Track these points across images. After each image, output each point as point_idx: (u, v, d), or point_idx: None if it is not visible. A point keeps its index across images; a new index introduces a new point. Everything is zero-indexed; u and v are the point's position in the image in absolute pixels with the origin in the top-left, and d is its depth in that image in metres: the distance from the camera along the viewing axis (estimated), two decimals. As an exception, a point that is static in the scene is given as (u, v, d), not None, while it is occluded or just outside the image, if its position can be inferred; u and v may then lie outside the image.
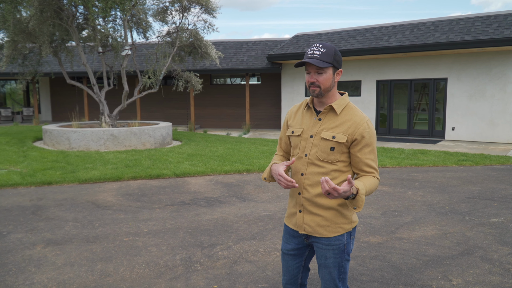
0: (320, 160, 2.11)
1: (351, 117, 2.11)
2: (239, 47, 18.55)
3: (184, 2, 12.04)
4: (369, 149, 2.09)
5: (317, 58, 2.06)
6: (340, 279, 2.19)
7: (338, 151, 2.09)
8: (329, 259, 2.17)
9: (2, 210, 5.64)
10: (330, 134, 2.10)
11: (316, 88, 2.09)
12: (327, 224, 2.14)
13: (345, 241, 2.16)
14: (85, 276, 3.62)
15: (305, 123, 2.22)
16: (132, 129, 11.17)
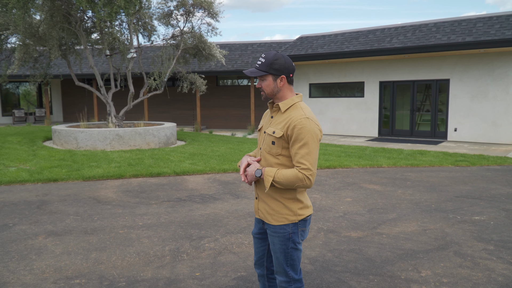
0: (267, 153, 2.39)
1: (291, 115, 2.33)
2: (244, 49, 18.83)
3: (188, 6, 12.36)
4: (300, 145, 2.26)
5: (255, 68, 2.36)
6: (287, 264, 2.43)
7: (279, 145, 2.34)
8: (276, 245, 2.42)
9: (10, 204, 5.99)
10: (272, 129, 2.37)
11: (262, 92, 2.39)
12: (273, 213, 2.40)
13: (290, 231, 2.40)
14: (80, 263, 3.92)
15: (265, 120, 2.52)
16: (137, 129, 11.52)
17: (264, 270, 2.65)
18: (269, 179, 2.27)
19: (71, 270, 3.77)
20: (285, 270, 2.44)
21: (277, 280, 2.50)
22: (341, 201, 6.23)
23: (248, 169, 2.38)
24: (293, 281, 2.47)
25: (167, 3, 12.50)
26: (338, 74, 16.36)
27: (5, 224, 5.11)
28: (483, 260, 4.01)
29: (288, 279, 2.45)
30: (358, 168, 8.89)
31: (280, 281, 2.47)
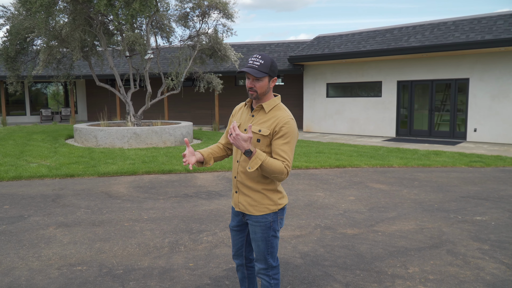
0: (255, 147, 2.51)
1: (276, 115, 2.49)
2: (262, 49, 18.98)
3: (204, 8, 12.61)
4: (284, 142, 2.42)
5: (255, 68, 2.43)
6: (268, 252, 2.58)
7: (264, 143, 2.48)
8: (257, 234, 2.57)
9: (27, 197, 6.34)
10: (257, 128, 2.50)
11: (254, 92, 2.49)
12: (255, 204, 2.54)
13: (271, 220, 2.55)
14: (83, 252, 4.17)
15: (243, 118, 2.63)
16: (154, 128, 11.84)
17: (243, 260, 2.81)
18: (258, 162, 2.34)
19: (75, 258, 4.02)
20: (265, 258, 2.59)
21: (256, 268, 2.64)
22: (344, 199, 6.31)
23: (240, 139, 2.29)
24: (271, 268, 2.61)
25: (183, 5, 12.78)
26: (356, 73, 16.31)
27: (21, 215, 5.43)
28: (475, 259, 4.04)
29: (267, 266, 2.60)
30: (368, 168, 8.91)
31: (259, 268, 2.62)
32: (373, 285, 3.50)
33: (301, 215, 5.47)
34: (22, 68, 14.02)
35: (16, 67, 13.65)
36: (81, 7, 11.44)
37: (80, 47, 12.57)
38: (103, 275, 3.67)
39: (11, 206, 5.85)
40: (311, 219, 5.32)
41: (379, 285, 3.49)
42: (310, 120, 17.91)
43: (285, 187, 7.10)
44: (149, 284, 3.49)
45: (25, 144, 11.62)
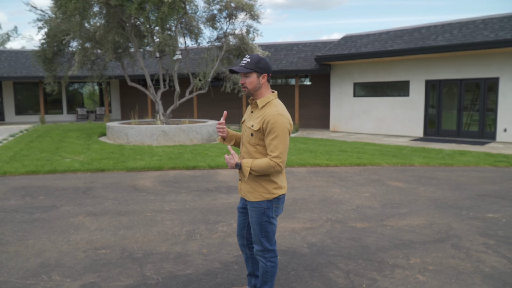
0: (247, 143, 2.80)
1: (265, 112, 2.73)
2: (290, 49, 19.17)
3: (231, 9, 12.95)
4: (272, 137, 2.66)
5: (242, 66, 2.74)
6: (262, 235, 2.84)
7: (256, 136, 2.75)
8: (253, 218, 2.84)
9: (61, 189, 6.84)
10: (251, 123, 2.78)
11: (245, 88, 2.78)
12: (252, 191, 2.81)
13: (265, 206, 2.81)
14: (108, 238, 4.55)
15: (246, 115, 2.96)
16: (181, 126, 12.29)
17: (244, 241, 3.08)
18: (247, 170, 2.72)
19: (100, 243, 4.41)
20: (260, 240, 2.85)
21: (254, 249, 2.91)
22: (358, 195, 6.46)
23: (229, 159, 2.78)
24: (267, 251, 2.87)
25: (211, 7, 13.18)
26: (383, 73, 16.24)
27: (54, 205, 5.91)
28: (477, 253, 4.15)
29: (263, 249, 2.86)
30: (388, 166, 8.98)
31: (256, 249, 2.89)
32: (373, 273, 3.69)
33: (314, 210, 5.68)
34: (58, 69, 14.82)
35: (53, 68, 14.45)
36: (114, 10, 12.02)
37: (113, 49, 13.19)
38: (124, 257, 4.02)
39: (46, 197, 6.35)
40: (323, 213, 5.52)
41: (378, 273, 3.67)
42: (337, 120, 17.96)
43: (303, 183, 7.31)
44: (164, 267, 3.81)
45: (60, 141, 12.32)
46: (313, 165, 9.05)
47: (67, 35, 12.69)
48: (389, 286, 3.44)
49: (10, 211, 5.56)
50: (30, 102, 22.65)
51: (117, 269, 3.76)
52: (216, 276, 3.63)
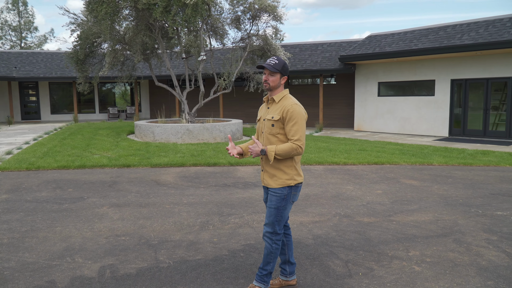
0: (268, 134, 3.13)
1: (283, 104, 3.11)
2: (314, 49, 19.29)
3: (254, 11, 13.24)
4: (292, 123, 3.02)
5: (271, 66, 3.09)
6: (276, 219, 3.13)
7: (277, 126, 3.08)
8: (272, 202, 3.14)
9: (89, 183, 7.32)
10: (270, 115, 3.13)
11: (267, 84, 3.13)
12: (275, 178, 3.14)
13: (286, 193, 3.11)
14: (128, 226, 4.92)
15: (262, 112, 3.32)
16: (205, 125, 12.68)
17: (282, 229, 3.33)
18: (272, 154, 3.03)
19: (121, 231, 4.78)
20: (273, 224, 3.14)
21: (264, 230, 3.19)
22: (371, 192, 6.61)
23: (253, 148, 3.08)
24: (275, 234, 3.16)
25: (235, 9, 13.51)
26: (408, 72, 16.14)
27: (81, 196, 6.36)
28: (478, 247, 4.26)
29: (273, 231, 3.15)
30: (406, 165, 9.04)
31: (266, 231, 3.17)
32: (371, 263, 3.88)
33: (325, 205, 5.89)
34: (90, 70, 15.53)
35: (85, 68, 15.16)
36: (142, 13, 12.54)
37: (141, 50, 13.74)
38: (141, 244, 4.37)
39: (74, 189, 6.83)
40: (333, 208, 5.72)
41: (376, 263, 3.87)
42: (361, 119, 17.95)
43: (318, 180, 7.51)
44: (177, 253, 4.13)
45: (91, 138, 12.96)
46: (330, 163, 9.22)
47: (98, 37, 13.32)
48: (384, 275, 3.64)
49: (41, 202, 6.05)
50: (64, 101, 23.69)
51: (133, 253, 4.11)
52: (223, 261, 3.92)
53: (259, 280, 3.22)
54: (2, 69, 20.37)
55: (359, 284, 3.46)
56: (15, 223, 5.05)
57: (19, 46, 44.03)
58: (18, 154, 10.12)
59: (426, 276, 3.60)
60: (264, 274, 3.21)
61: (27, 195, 6.41)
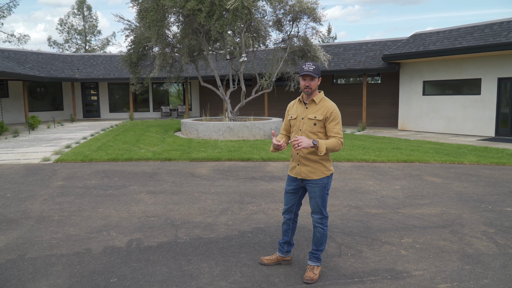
0: (308, 132, 3.57)
1: (325, 105, 3.56)
2: (359, 48, 19.36)
3: (294, 13, 13.70)
4: (335, 123, 3.48)
5: (311, 71, 3.52)
6: (323, 205, 3.61)
7: (319, 125, 3.54)
8: (316, 193, 3.59)
9: (132, 173, 8.20)
10: (313, 115, 3.56)
11: (309, 89, 3.55)
12: (315, 171, 3.58)
13: (326, 182, 3.59)
14: (159, 210, 5.65)
15: (299, 111, 3.70)
16: (245, 123, 13.35)
17: (292, 215, 3.83)
18: (324, 146, 3.42)
19: (151, 213, 5.52)
20: (321, 210, 3.61)
21: (314, 219, 3.64)
22: (388, 188, 6.91)
23: (304, 140, 3.32)
24: (325, 218, 3.63)
25: (276, 11, 14.04)
26: (453, 71, 15.85)
27: (124, 185, 7.22)
28: (471, 238, 4.53)
29: (322, 216, 3.62)
30: (435, 164, 9.14)
31: (316, 218, 3.62)
32: (362, 246, 4.30)
33: (339, 197, 6.30)
34: (142, 71, 16.74)
35: (137, 70, 16.39)
36: (189, 19, 13.43)
37: (188, 53, 14.67)
38: (166, 224, 5.07)
39: (119, 179, 7.72)
40: (346, 200, 6.12)
41: (367, 247, 4.28)
42: (405, 119, 17.82)
43: (341, 176, 7.89)
44: (194, 231, 4.78)
45: (141, 135, 14.07)
46: (360, 160, 9.51)
47: (149, 41, 14.40)
48: (370, 256, 4.05)
49: (90, 188, 6.96)
50: (122, 101, 25.43)
51: (158, 231, 4.81)
52: (231, 240, 4.51)
53: (315, 260, 3.64)
54: (66, 71, 22.32)
55: (345, 262, 3.91)
56: (66, 204, 5.95)
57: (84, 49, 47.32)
58: (76, 147, 11.34)
59: (408, 259, 3.97)
60: (319, 255, 3.64)
61: (78, 182, 7.38)
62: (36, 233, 4.75)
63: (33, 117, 16.98)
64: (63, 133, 15.41)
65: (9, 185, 7.17)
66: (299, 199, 3.80)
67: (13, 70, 15.50)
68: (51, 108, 23.66)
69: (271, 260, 3.91)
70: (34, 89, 22.82)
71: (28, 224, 5.07)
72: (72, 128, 17.81)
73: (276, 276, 3.65)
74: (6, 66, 15.57)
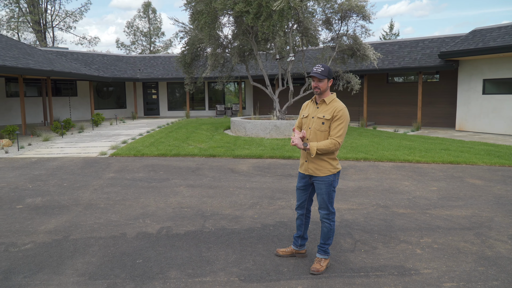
0: (317, 130, 3.79)
1: (334, 105, 3.74)
2: (415, 46, 18.76)
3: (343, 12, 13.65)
4: (339, 122, 3.64)
5: (319, 73, 3.73)
6: (329, 202, 3.81)
7: (327, 124, 3.73)
8: (322, 189, 3.81)
9: (177, 168, 8.72)
10: (322, 114, 3.76)
11: (318, 89, 3.77)
12: (321, 169, 3.79)
13: (332, 179, 3.78)
14: (193, 202, 6.05)
15: (310, 110, 3.92)
16: (291, 121, 13.53)
17: (304, 210, 4.06)
18: (314, 149, 3.66)
19: (186, 204, 5.92)
20: (327, 206, 3.81)
21: (321, 214, 3.85)
22: (424, 189, 6.81)
23: (297, 141, 3.69)
24: (331, 213, 3.83)
25: (325, 11, 14.06)
26: (516, 68, 14.91)
27: (167, 178, 7.73)
28: (495, 241, 4.43)
29: (328, 212, 3.83)
30: (483, 166, 8.78)
31: (323, 214, 3.84)
32: (378, 244, 4.38)
33: (370, 196, 6.34)
34: (195, 72, 17.46)
35: (191, 70, 17.12)
36: (239, 20, 13.86)
37: (238, 53, 15.11)
38: (196, 214, 5.44)
39: (164, 173, 8.26)
40: (376, 199, 6.15)
41: (383, 244, 4.35)
42: (463, 119, 17.04)
43: (378, 176, 7.86)
44: (220, 223, 5.10)
45: (192, 132, 14.73)
46: (402, 160, 9.36)
47: (202, 43, 15.02)
48: (383, 253, 4.13)
49: (136, 180, 7.55)
50: (179, 99, 26.56)
51: (188, 220, 5.19)
52: (252, 231, 4.78)
53: (322, 253, 3.85)
54: (128, 71, 23.76)
55: (356, 257, 4.03)
56: (112, 194, 6.54)
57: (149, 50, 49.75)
58: (131, 143, 12.17)
59: (421, 258, 4.00)
60: (326, 248, 3.84)
61: (127, 175, 8.01)
62: (82, 218, 5.32)
63: (98, 115, 18.33)
64: (123, 130, 16.51)
65: (67, 176, 7.95)
66: (309, 196, 3.98)
67: (79, 71, 16.85)
68: (115, 106, 25.29)
69: (286, 252, 4.13)
70: (101, 89, 24.53)
71: (76, 210, 5.68)
72: (132, 125, 18.98)
73: (286, 266, 3.87)
74: (73, 67, 16.95)
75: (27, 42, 44.35)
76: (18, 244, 4.44)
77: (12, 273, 3.75)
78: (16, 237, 4.63)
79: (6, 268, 3.85)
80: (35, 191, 6.77)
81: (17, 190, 6.80)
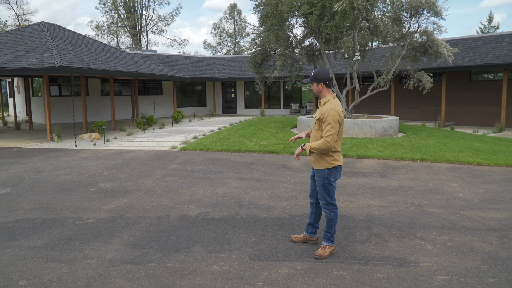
0: (314, 130, 4.27)
1: (324, 107, 4.15)
2: (500, 41, 17.53)
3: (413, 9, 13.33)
4: (326, 123, 4.01)
5: (306, 79, 4.23)
6: (325, 193, 4.21)
7: (318, 124, 4.17)
8: (318, 181, 4.25)
9: (234, 162, 9.40)
10: (316, 115, 4.24)
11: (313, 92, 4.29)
12: (317, 162, 4.23)
13: (327, 173, 4.18)
14: (237, 192, 6.65)
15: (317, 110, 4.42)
16: (355, 121, 13.57)
17: (313, 199, 4.51)
18: (308, 149, 4.15)
19: (229, 194, 6.55)
20: (324, 197, 4.24)
21: (320, 203, 4.31)
22: (469, 190, 6.69)
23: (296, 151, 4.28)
24: (329, 204, 4.23)
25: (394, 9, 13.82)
26: None
27: (222, 171, 8.44)
28: (517, 243, 4.39)
29: (326, 202, 4.24)
30: (551, 170, 8.21)
31: (322, 203, 4.28)
32: (392, 238, 4.59)
33: (408, 195, 6.42)
34: (265, 72, 18.13)
35: (261, 71, 17.81)
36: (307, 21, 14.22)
37: (306, 53, 15.47)
38: (235, 203, 6.03)
39: (221, 166, 8.99)
40: (412, 198, 6.23)
41: (396, 239, 4.55)
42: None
43: (428, 176, 7.79)
44: (253, 211, 5.63)
45: (259, 130, 15.40)
46: (462, 162, 9.08)
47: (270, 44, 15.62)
48: (393, 246, 4.35)
49: (194, 172, 8.36)
50: (255, 98, 27.51)
51: (225, 207, 5.81)
52: (278, 220, 5.24)
53: (326, 240, 4.24)
54: (208, 71, 25.23)
55: (363, 248, 4.31)
56: (170, 183, 7.39)
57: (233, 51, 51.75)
58: (200, 139, 13.18)
59: (428, 253, 4.16)
60: (330, 236, 4.22)
61: (188, 167, 8.88)
62: (139, 201, 6.19)
63: (178, 112, 19.87)
64: (198, 126, 17.75)
65: (138, 166, 9.04)
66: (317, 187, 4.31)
67: (161, 72, 18.43)
68: (197, 104, 27.01)
69: (299, 238, 4.54)
70: (186, 88, 26.38)
71: (137, 195, 6.59)
72: (208, 122, 20.24)
73: (294, 250, 4.29)
74: (156, 69, 18.59)
75: (125, 46, 48.77)
76: (83, 218, 5.40)
77: (72, 239, 4.65)
78: (83, 213, 5.61)
79: (69, 236, 4.78)
80: (109, 177, 7.88)
81: (94, 176, 7.98)
